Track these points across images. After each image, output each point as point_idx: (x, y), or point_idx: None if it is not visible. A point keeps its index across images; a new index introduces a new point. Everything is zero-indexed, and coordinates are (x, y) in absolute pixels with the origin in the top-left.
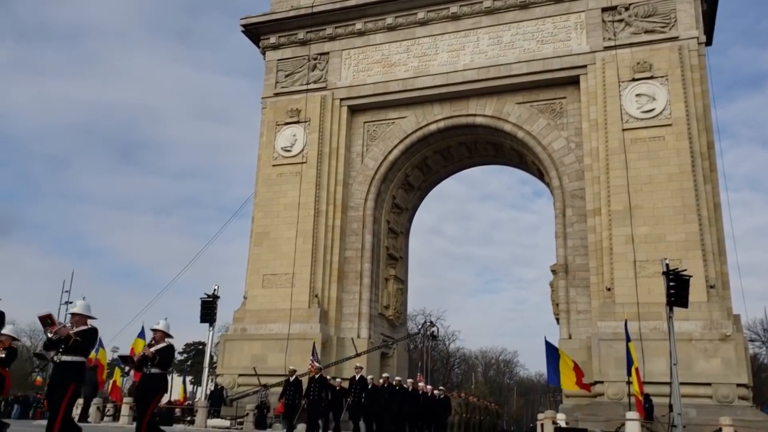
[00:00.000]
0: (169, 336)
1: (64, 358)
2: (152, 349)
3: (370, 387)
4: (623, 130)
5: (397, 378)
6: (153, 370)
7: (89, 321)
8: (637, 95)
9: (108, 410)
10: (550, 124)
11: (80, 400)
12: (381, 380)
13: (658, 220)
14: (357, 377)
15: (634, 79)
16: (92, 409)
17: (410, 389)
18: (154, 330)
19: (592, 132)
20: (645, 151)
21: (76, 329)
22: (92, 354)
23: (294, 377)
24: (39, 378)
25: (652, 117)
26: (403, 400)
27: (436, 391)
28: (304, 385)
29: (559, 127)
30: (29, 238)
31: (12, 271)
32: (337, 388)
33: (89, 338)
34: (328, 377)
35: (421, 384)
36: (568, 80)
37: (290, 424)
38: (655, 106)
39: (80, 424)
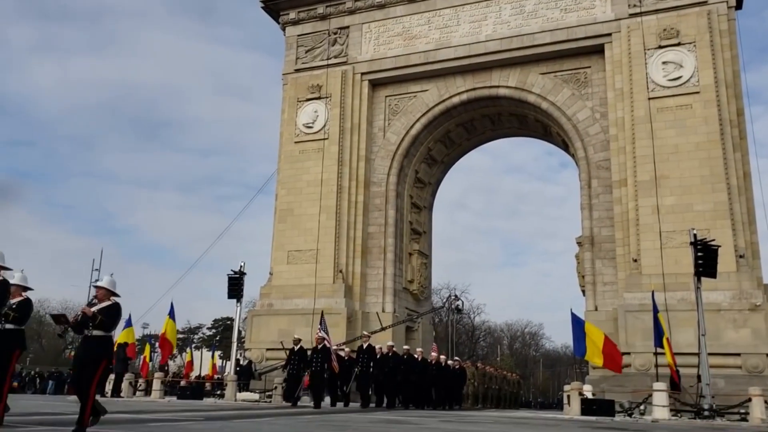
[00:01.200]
0: (115, 294)
1: (95, 332)
2: (94, 309)
3: (379, 357)
4: (649, 98)
5: (405, 347)
6: (95, 332)
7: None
8: (664, 63)
9: (140, 385)
10: (574, 94)
11: (112, 376)
12: (385, 348)
13: (685, 189)
14: (364, 346)
15: (660, 47)
16: (124, 385)
17: (419, 358)
18: (96, 287)
19: (617, 101)
20: (672, 120)
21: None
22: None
23: (299, 347)
24: (72, 354)
25: (679, 85)
26: (410, 369)
27: (450, 362)
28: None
29: (584, 97)
30: (58, 218)
31: (43, 251)
32: (346, 358)
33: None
34: (337, 346)
35: (433, 354)
36: (592, 49)
37: (292, 395)
38: (683, 73)
39: (113, 399)
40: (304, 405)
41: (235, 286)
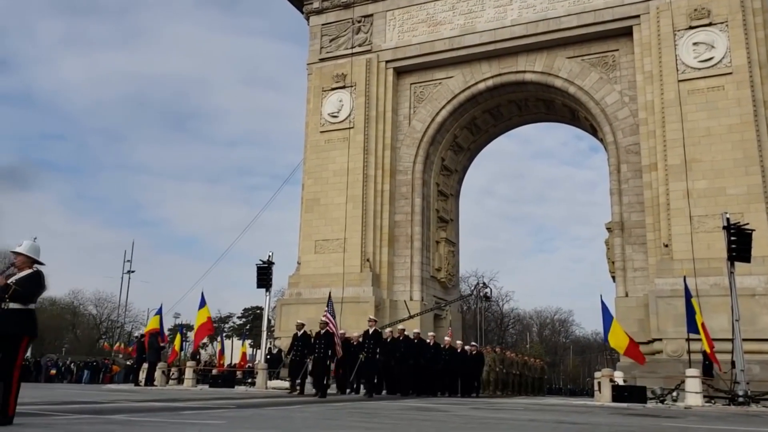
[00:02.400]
0: (38, 262)
1: (11, 305)
2: (12, 279)
3: (389, 340)
4: (679, 81)
5: (416, 331)
6: (11, 305)
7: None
8: (695, 44)
9: (173, 374)
10: (602, 78)
11: (145, 365)
12: (394, 331)
13: (717, 173)
14: (370, 331)
15: (690, 27)
16: (157, 373)
17: (432, 343)
18: (14, 253)
19: (646, 84)
20: (703, 102)
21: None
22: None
23: (302, 332)
24: (106, 344)
25: (710, 66)
26: (420, 354)
27: (467, 347)
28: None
29: (612, 80)
30: (90, 211)
31: (76, 243)
32: (354, 343)
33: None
34: (342, 332)
35: (446, 339)
36: (620, 32)
37: (293, 382)
38: (714, 54)
39: (147, 387)
40: (331, 393)
41: (264, 276)
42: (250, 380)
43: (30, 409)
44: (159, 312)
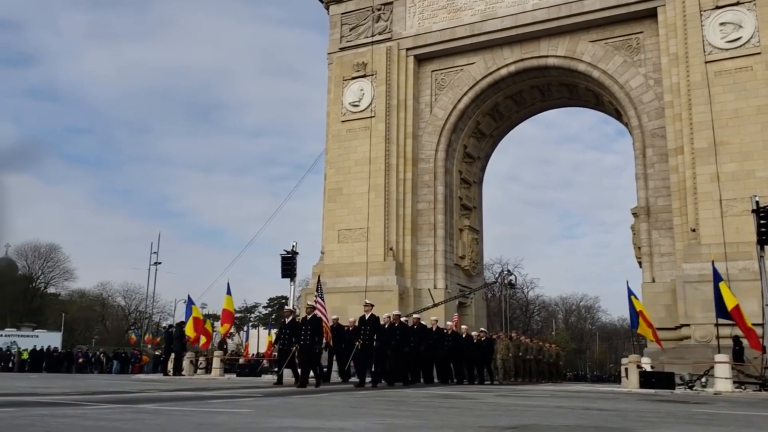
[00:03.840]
0: None
1: None
2: None
3: (387, 326)
4: (706, 62)
5: (415, 316)
6: None
7: None
8: (721, 24)
9: (200, 363)
10: (626, 61)
11: (173, 355)
12: (392, 317)
13: (746, 155)
14: (367, 316)
15: (717, 7)
16: (185, 363)
17: (434, 329)
18: None
19: (672, 67)
20: (731, 84)
21: None
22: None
23: (290, 319)
24: (133, 335)
25: (738, 46)
26: (420, 341)
27: (474, 333)
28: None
29: (637, 63)
30: (117, 203)
31: (104, 235)
32: (348, 329)
33: None
34: (335, 317)
35: (449, 324)
36: (644, 13)
37: (280, 373)
38: (742, 34)
39: (175, 377)
40: (335, 382)
41: (288, 266)
42: (275, 369)
43: (62, 399)
44: (191, 303)
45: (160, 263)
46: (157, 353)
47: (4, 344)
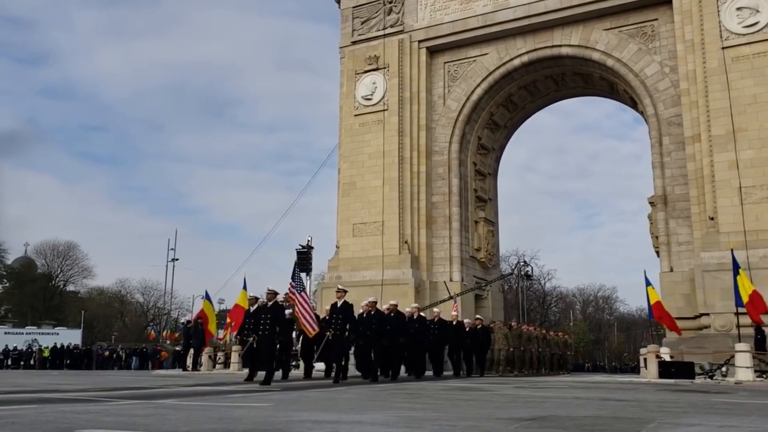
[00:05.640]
0: None
1: None
2: None
3: (365, 315)
4: (723, 48)
5: (435, 310)
6: None
7: None
8: (738, 9)
9: (219, 359)
10: (641, 49)
11: (191, 350)
12: (367, 305)
13: (764, 142)
14: (339, 303)
15: None
16: (204, 358)
17: (415, 316)
18: None
19: (688, 54)
20: (748, 69)
21: None
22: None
23: (255, 308)
24: (152, 332)
25: (755, 31)
26: (397, 331)
27: (467, 320)
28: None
29: (652, 51)
30: (133, 200)
31: (121, 233)
32: (322, 317)
33: None
34: (311, 305)
35: (435, 310)
36: (659, 0)
37: (252, 366)
38: (759, 18)
39: (194, 372)
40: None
41: (304, 260)
42: (294, 363)
43: (83, 395)
44: (208, 298)
45: (177, 260)
46: (177, 348)
47: (25, 342)
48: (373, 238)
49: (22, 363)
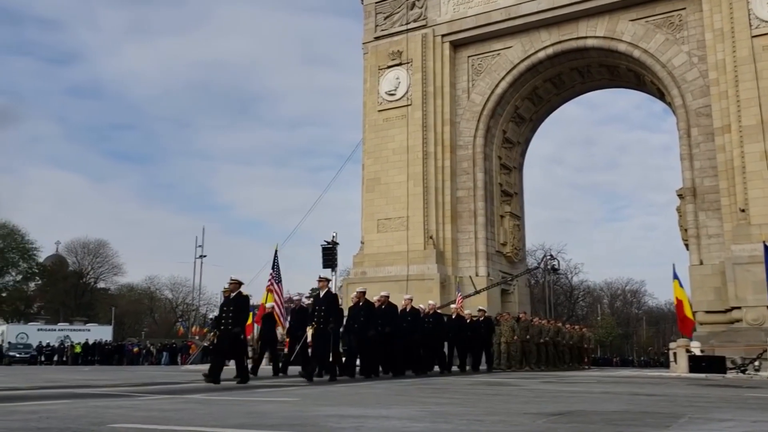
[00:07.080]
0: None
1: None
2: None
3: (352, 307)
4: (753, 36)
5: (384, 293)
6: None
7: None
8: None
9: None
10: (668, 39)
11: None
12: (356, 297)
13: None
14: (322, 294)
15: None
16: None
17: (407, 308)
18: None
19: (716, 43)
20: None
21: None
22: None
23: (225, 299)
24: (181, 328)
25: None
26: (385, 323)
27: (467, 311)
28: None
29: (679, 41)
30: (162, 198)
31: (150, 230)
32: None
33: None
34: (297, 297)
35: (431, 303)
36: None
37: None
38: None
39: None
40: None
41: (329, 256)
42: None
43: (114, 390)
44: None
45: (205, 256)
46: (205, 344)
47: (57, 339)
48: (397, 233)
49: (54, 359)
